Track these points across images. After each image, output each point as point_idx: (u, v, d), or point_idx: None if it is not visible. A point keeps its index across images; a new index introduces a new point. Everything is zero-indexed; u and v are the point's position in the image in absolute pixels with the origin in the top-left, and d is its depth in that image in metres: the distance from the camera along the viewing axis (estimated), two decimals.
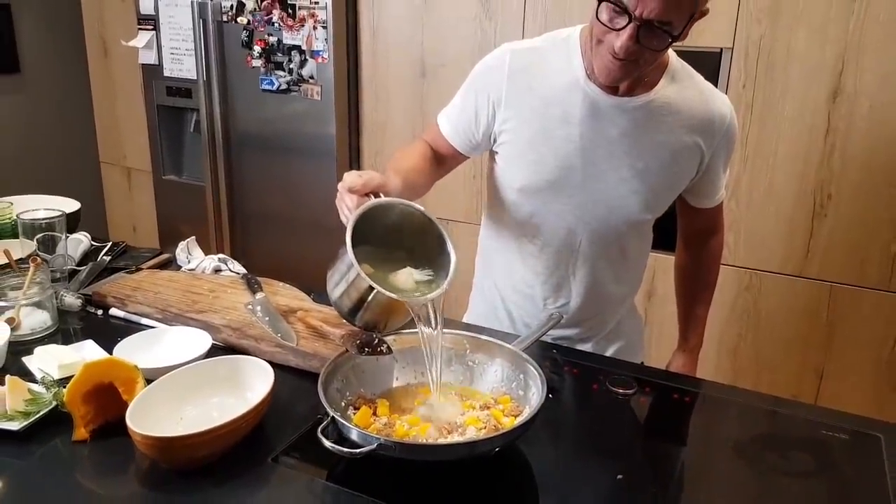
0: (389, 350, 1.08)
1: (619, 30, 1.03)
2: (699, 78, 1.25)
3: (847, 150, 1.96)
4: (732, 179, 2.10)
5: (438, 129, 1.36)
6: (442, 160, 1.36)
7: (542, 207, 1.27)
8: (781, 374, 2.17)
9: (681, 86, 1.21)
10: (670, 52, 1.21)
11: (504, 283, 1.42)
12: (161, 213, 3.13)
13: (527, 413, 0.96)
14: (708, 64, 2.05)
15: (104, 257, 1.67)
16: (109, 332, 1.27)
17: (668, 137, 1.20)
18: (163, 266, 1.65)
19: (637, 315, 1.55)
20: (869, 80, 1.90)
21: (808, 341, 2.13)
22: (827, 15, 1.90)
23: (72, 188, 2.01)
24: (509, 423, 0.97)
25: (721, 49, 2.03)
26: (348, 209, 1.05)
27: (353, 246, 0.98)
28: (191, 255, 1.65)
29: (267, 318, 1.28)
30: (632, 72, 1.11)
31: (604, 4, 1.03)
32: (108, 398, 0.98)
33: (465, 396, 1.08)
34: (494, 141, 1.29)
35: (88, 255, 1.70)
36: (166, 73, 2.89)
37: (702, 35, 2.04)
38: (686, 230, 1.48)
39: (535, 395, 0.99)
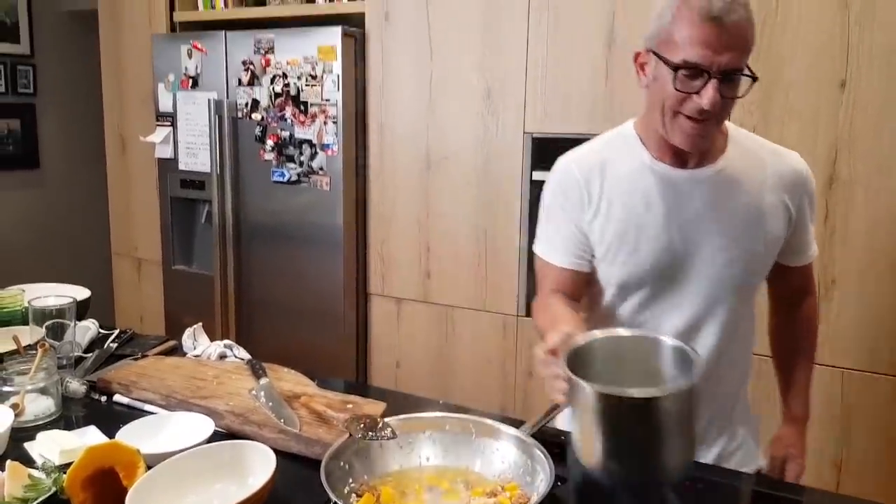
0: (394, 434, 1.07)
1: (699, 91, 1.05)
2: (763, 139, 1.27)
3: (847, 235, 1.99)
4: None
5: (552, 269, 1.28)
6: (573, 291, 1.28)
7: (649, 299, 1.23)
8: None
9: (746, 149, 1.22)
10: (727, 122, 1.22)
11: None
12: (169, 302, 3.15)
13: (534, 500, 0.94)
14: None
15: (111, 344, 1.68)
16: (113, 419, 1.26)
17: (751, 199, 1.19)
18: (169, 353, 1.65)
19: (751, 413, 1.44)
20: (862, 168, 1.95)
21: (824, 431, 2.08)
22: (816, 106, 1.98)
23: (82, 277, 2.04)
24: None
25: None
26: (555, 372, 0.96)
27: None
28: (197, 341, 1.66)
29: (270, 404, 1.28)
30: (711, 131, 1.12)
31: (679, 73, 1.06)
32: (107, 486, 0.96)
33: (471, 483, 1.06)
34: (594, 246, 1.25)
35: (95, 343, 1.71)
36: (181, 167, 2.99)
37: None
38: (777, 294, 1.42)
39: (543, 481, 0.97)
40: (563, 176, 1.27)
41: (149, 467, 0.98)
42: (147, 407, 1.34)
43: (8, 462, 1.00)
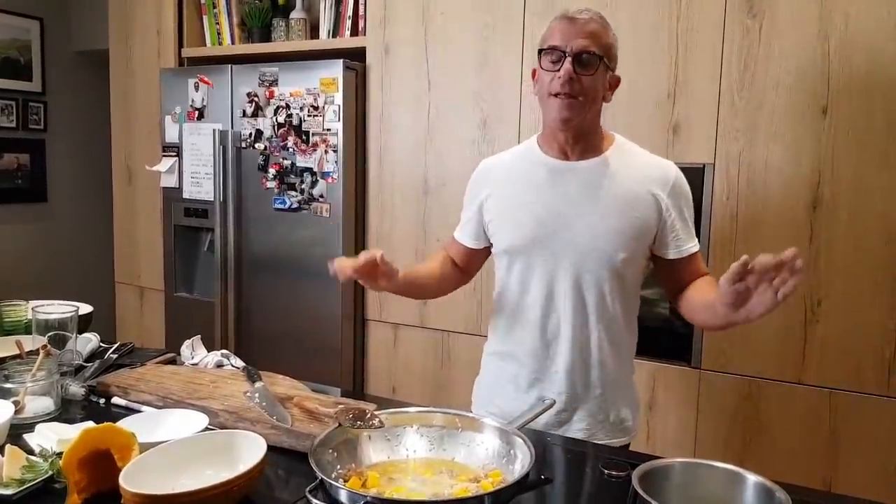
0: (381, 424, 1.10)
1: (559, 69, 1.34)
2: (647, 152, 1.49)
3: (832, 257, 2.04)
4: None
5: (454, 242, 1.64)
6: (462, 263, 1.64)
7: (528, 262, 1.46)
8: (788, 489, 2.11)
9: (627, 153, 1.47)
10: (616, 134, 1.49)
11: (504, 350, 1.54)
12: (170, 329, 3.19)
13: (518, 473, 0.97)
14: (693, 178, 2.17)
15: (111, 355, 1.72)
16: (110, 419, 1.28)
17: (620, 190, 1.41)
18: (167, 363, 1.69)
19: (633, 396, 1.57)
20: (845, 192, 2.01)
21: (812, 452, 2.09)
22: (799, 132, 2.05)
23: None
24: None
25: (704, 164, 2.17)
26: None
27: None
28: (195, 351, 1.70)
29: (264, 404, 1.31)
30: (578, 110, 1.36)
31: (545, 56, 1.37)
32: (103, 468, 1.00)
33: (456, 472, 1.08)
34: (487, 223, 1.54)
35: (96, 355, 1.75)
36: (185, 196, 3.07)
37: (686, 151, 2.19)
38: (673, 287, 1.49)
39: (523, 463, 1.00)
40: (476, 173, 1.59)
41: None
42: (144, 408, 1.37)
43: (7, 446, 1.04)
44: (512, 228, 1.47)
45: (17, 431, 1.21)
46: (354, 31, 2.86)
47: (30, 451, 1.10)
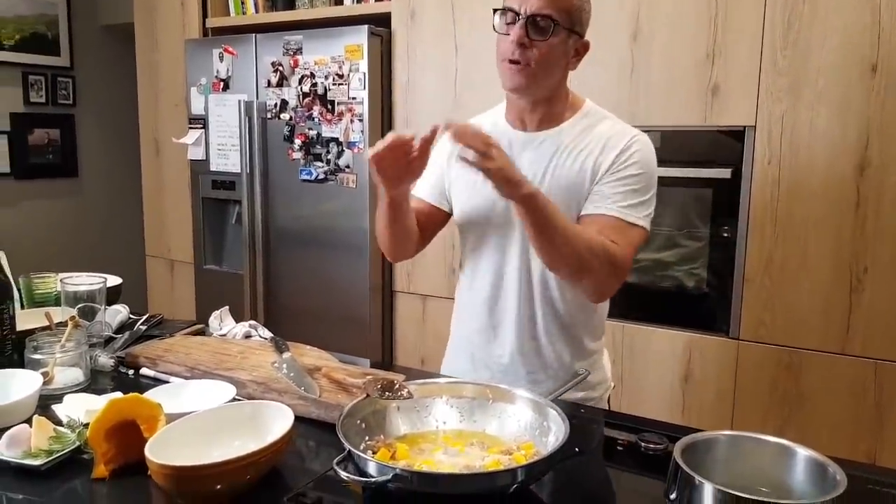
0: (410, 395, 1.07)
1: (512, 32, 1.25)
2: (615, 119, 1.38)
3: (879, 222, 1.94)
4: (765, 256, 2.08)
5: (414, 199, 1.46)
6: (424, 223, 1.47)
7: (480, 236, 1.41)
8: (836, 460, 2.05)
9: (589, 122, 1.36)
10: (588, 100, 1.39)
11: (466, 325, 1.49)
12: (200, 302, 3.21)
13: (551, 445, 0.93)
14: (733, 142, 2.09)
15: (140, 326, 1.72)
16: (138, 390, 1.27)
17: (570, 163, 1.32)
18: (196, 334, 1.68)
19: (595, 366, 1.47)
20: (895, 153, 1.91)
21: (856, 424, 2.02)
22: (846, 92, 1.95)
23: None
24: None
25: (744, 127, 2.08)
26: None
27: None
28: (223, 322, 1.69)
29: (292, 374, 1.29)
30: (531, 76, 1.27)
31: (497, 14, 1.28)
32: (129, 438, 0.98)
33: (487, 444, 1.05)
34: (449, 186, 1.47)
35: (125, 326, 1.74)
36: (212, 168, 3.06)
37: (726, 113, 2.10)
38: None
39: (557, 437, 0.96)
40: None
41: None
42: (172, 379, 1.36)
43: (35, 417, 1.03)
44: (467, 198, 1.41)
45: (47, 402, 1.21)
46: None
47: (58, 422, 1.09)
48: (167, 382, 1.35)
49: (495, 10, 1.28)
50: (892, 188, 1.93)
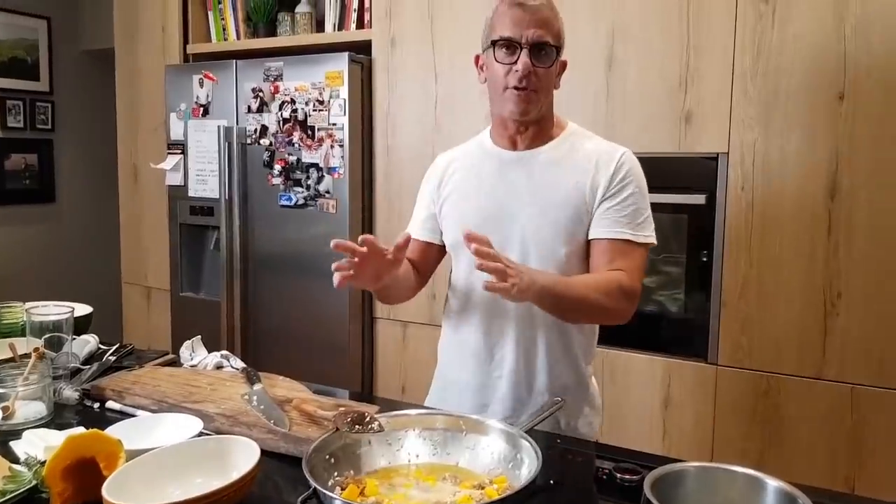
0: (381, 428, 1.05)
1: (515, 61, 1.29)
2: (599, 138, 1.43)
3: (851, 246, 1.96)
4: (740, 281, 2.09)
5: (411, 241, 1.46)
6: (419, 261, 1.51)
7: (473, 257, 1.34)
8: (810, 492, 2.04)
9: (577, 140, 1.41)
10: (570, 122, 1.44)
11: (458, 348, 1.47)
12: (175, 330, 3.16)
13: (524, 478, 0.91)
14: (707, 168, 2.11)
15: (109, 357, 1.68)
16: (104, 424, 1.24)
17: (563, 179, 1.36)
18: (167, 365, 1.65)
19: (590, 401, 1.49)
20: (864, 179, 1.93)
21: (834, 449, 2.02)
22: (815, 118, 1.97)
23: (93, 306, 2.02)
24: None
25: (717, 154, 2.10)
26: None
27: None
28: (194, 352, 1.66)
29: (262, 407, 1.27)
30: (535, 101, 1.32)
31: (498, 48, 1.31)
32: (87, 478, 0.95)
33: (459, 478, 1.03)
34: (441, 219, 1.49)
35: (94, 357, 1.71)
36: (191, 194, 3.03)
37: (699, 140, 2.12)
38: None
39: (530, 469, 0.95)
40: (431, 168, 1.54)
41: None
42: (139, 413, 1.33)
43: None
44: (457, 221, 1.42)
45: (6, 438, 1.17)
46: (360, 24, 2.81)
47: (15, 460, 1.06)
48: (134, 416, 1.32)
49: (493, 43, 1.32)
50: (862, 213, 1.94)
